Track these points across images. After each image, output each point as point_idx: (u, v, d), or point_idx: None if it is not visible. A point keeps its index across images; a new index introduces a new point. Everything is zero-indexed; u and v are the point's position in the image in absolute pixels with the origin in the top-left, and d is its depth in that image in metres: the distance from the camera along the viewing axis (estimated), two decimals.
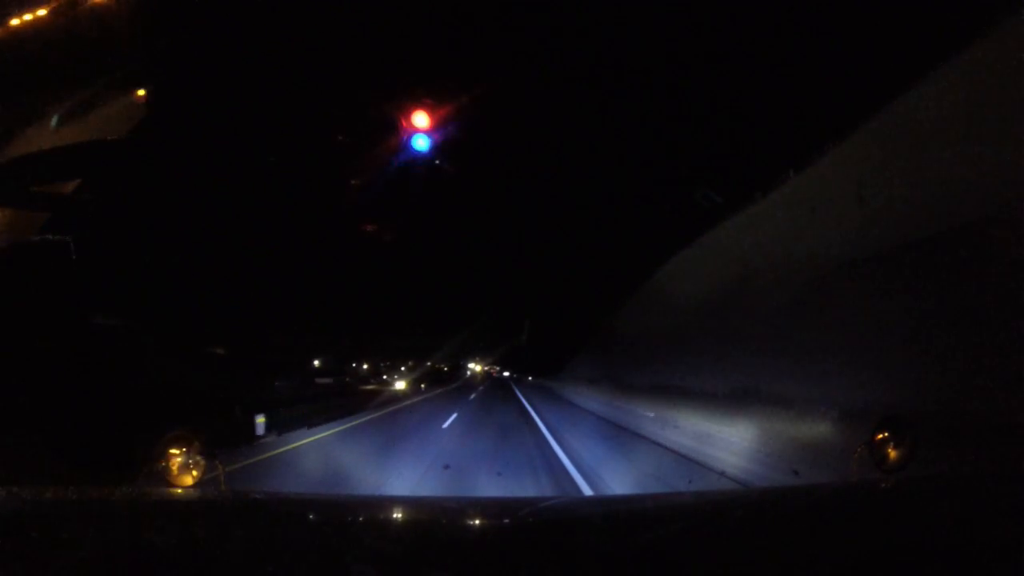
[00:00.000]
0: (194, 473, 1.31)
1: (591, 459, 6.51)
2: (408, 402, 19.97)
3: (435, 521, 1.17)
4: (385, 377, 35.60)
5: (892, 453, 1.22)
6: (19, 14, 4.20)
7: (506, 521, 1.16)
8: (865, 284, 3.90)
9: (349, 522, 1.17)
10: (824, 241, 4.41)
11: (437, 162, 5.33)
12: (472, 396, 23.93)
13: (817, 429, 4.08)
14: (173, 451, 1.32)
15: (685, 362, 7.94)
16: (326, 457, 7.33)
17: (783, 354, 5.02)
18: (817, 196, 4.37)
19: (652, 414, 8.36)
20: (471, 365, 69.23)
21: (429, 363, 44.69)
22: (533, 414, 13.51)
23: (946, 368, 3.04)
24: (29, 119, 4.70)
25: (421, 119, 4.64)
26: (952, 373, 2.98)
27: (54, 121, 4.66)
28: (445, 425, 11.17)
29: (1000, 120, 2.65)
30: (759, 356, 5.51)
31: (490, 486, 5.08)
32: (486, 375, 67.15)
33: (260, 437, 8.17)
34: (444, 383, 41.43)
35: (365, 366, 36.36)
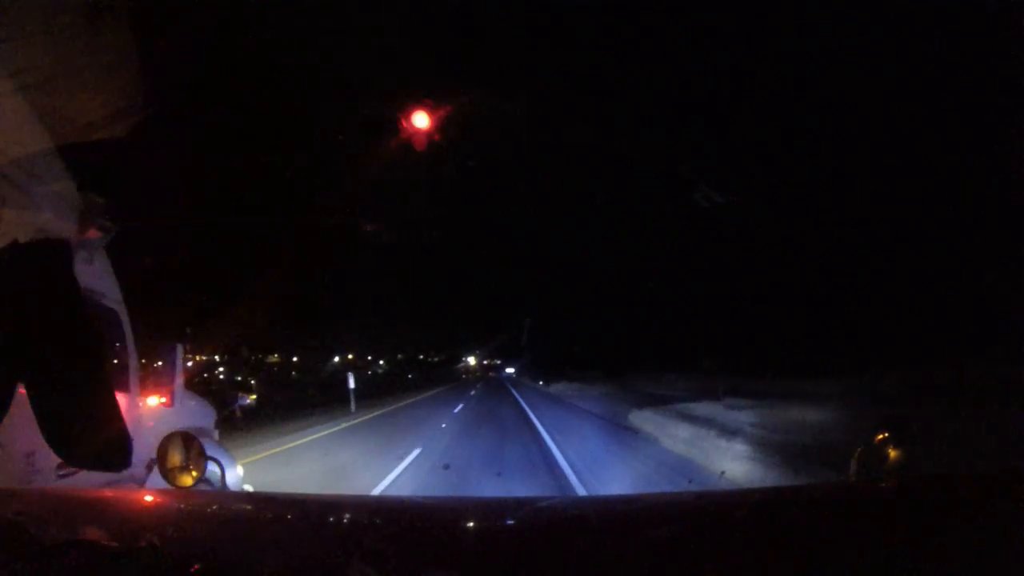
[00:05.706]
0: (194, 473, 1.30)
1: None
2: None
3: (435, 521, 1.17)
4: None
5: (892, 453, 1.22)
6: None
7: (506, 521, 1.16)
8: None
9: (349, 522, 1.17)
10: None
11: (434, 157, 5.31)
12: None
13: None
14: (173, 451, 1.31)
15: None
16: None
17: None
18: None
19: None
20: (469, 359, 69.17)
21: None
22: None
23: None
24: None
25: (421, 119, 4.63)
26: None
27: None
28: None
29: None
30: None
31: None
32: (483, 373, 67.07)
33: None
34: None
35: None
